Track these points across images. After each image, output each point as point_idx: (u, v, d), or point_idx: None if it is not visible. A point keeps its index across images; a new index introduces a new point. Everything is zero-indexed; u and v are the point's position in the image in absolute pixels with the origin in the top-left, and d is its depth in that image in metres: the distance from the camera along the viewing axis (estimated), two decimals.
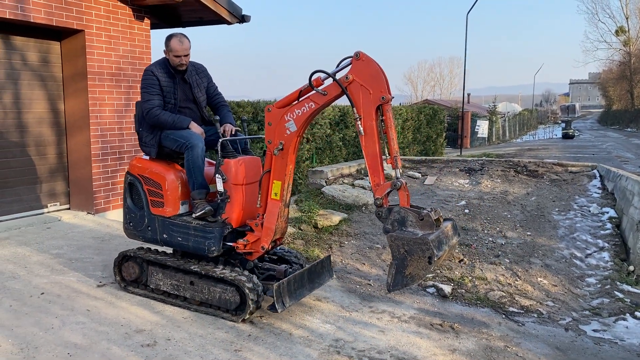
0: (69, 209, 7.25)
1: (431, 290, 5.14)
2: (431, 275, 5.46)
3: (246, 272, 4.12)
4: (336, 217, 7.05)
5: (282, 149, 3.98)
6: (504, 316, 4.66)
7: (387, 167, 3.97)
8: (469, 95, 48.60)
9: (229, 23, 7.96)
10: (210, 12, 7.55)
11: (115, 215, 7.23)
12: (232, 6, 7.74)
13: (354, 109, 3.69)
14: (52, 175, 7.04)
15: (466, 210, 7.67)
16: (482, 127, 33.78)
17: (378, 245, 6.32)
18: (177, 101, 4.44)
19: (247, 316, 4.03)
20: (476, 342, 4.07)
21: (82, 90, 6.91)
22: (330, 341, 3.90)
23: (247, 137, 4.61)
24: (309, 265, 4.39)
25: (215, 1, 7.39)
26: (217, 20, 7.95)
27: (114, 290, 4.58)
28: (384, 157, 3.72)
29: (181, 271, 4.29)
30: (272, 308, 3.92)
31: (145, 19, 7.57)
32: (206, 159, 4.58)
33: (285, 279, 4.04)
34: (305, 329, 4.06)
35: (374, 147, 3.65)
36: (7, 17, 5.89)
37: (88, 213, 7.08)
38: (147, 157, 4.54)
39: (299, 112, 3.90)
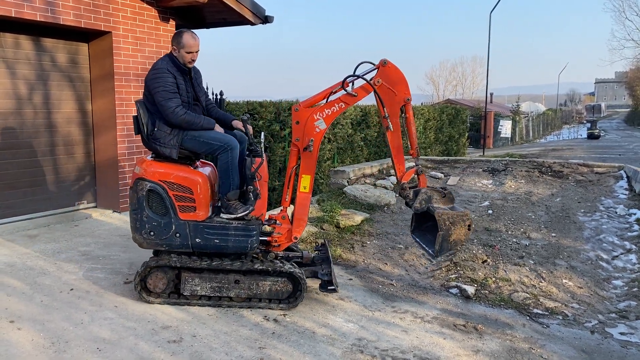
0: (95, 207, 7.40)
1: (454, 291, 5.12)
2: (454, 275, 5.44)
3: (288, 263, 4.44)
4: (358, 217, 7.06)
5: (312, 146, 4.33)
6: (528, 318, 4.62)
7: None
8: (491, 94, 48.05)
9: (252, 24, 8.03)
10: (234, 13, 7.63)
11: None
12: (255, 7, 7.81)
13: (384, 108, 4.29)
14: (79, 174, 7.20)
15: (490, 211, 7.61)
16: (505, 127, 33.38)
17: (400, 246, 6.31)
18: (190, 100, 4.34)
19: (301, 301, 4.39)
20: (500, 344, 4.05)
21: (109, 90, 7.05)
22: (353, 340, 3.92)
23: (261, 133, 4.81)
24: (327, 251, 4.87)
25: (239, 2, 7.46)
26: (241, 21, 8.04)
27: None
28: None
29: (222, 271, 4.29)
30: (326, 290, 4.46)
31: (171, 20, 7.68)
32: (201, 160, 4.64)
33: (331, 263, 4.55)
34: (329, 328, 4.09)
35: (399, 140, 4.36)
36: (38, 19, 6.04)
37: (114, 211, 7.22)
38: (151, 159, 4.40)
39: (329, 112, 4.34)
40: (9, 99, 6.34)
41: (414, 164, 4.40)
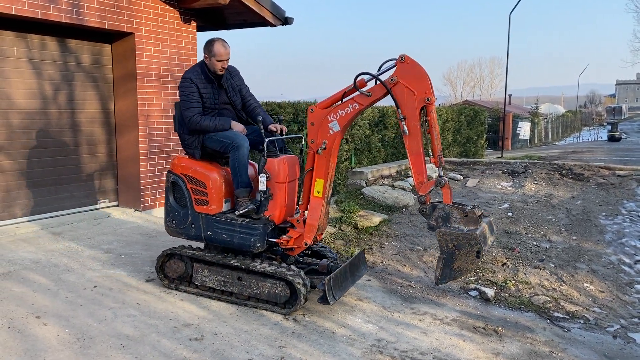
0: (117, 205, 7.51)
1: (474, 293, 5.10)
2: (474, 277, 5.42)
3: (294, 268, 4.25)
4: (376, 218, 7.06)
5: (325, 148, 4.12)
6: (548, 321, 4.58)
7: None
8: (510, 96, 47.65)
9: (272, 25, 8.08)
10: (254, 15, 7.68)
11: (162, 213, 7.45)
12: (275, 8, 7.85)
13: (399, 109, 3.86)
14: (102, 173, 7.31)
15: (509, 213, 7.56)
16: (524, 129, 33.08)
17: (419, 247, 6.31)
18: (216, 105, 4.56)
19: (297, 309, 4.20)
20: (520, 347, 4.02)
21: (131, 91, 7.15)
22: (372, 341, 3.93)
23: (287, 136, 4.68)
24: (350, 260, 4.54)
25: (259, 4, 7.51)
26: (261, 22, 8.09)
27: (162, 285, 4.72)
28: (427, 157, 3.90)
29: (227, 267, 4.40)
30: (323, 301, 4.07)
31: (192, 21, 7.76)
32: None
33: (334, 273, 4.18)
34: (348, 328, 4.10)
35: (417, 146, 3.85)
36: (64, 21, 6.15)
37: (136, 210, 7.32)
38: (187, 156, 4.63)
39: (342, 113, 4.08)
40: (35, 99, 6.47)
41: (438, 174, 3.81)
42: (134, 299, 4.39)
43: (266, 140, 4.29)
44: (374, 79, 3.92)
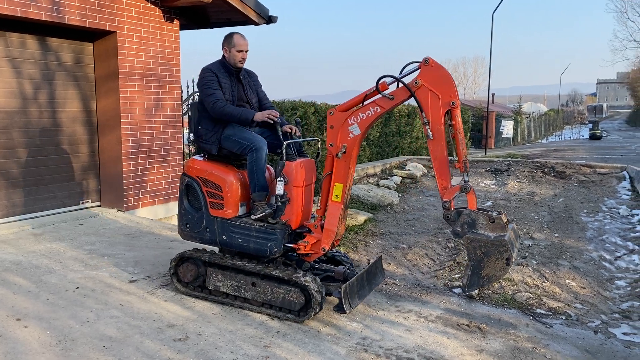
0: (100, 206, 7.43)
1: (457, 290, 5.14)
2: (458, 275, 5.46)
3: (310, 274, 4.15)
4: (361, 217, 7.09)
5: (344, 152, 4.01)
6: (531, 318, 4.64)
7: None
8: (493, 95, 48.09)
9: (256, 24, 8.06)
10: (238, 13, 7.65)
11: (145, 213, 7.39)
12: (259, 7, 7.83)
13: (422, 113, 3.76)
14: (84, 173, 7.23)
15: None
16: (507, 128, 33.40)
17: (403, 245, 6.34)
18: (234, 98, 4.50)
19: (312, 316, 4.10)
20: (504, 343, 4.06)
21: (113, 90, 7.08)
22: (357, 339, 3.94)
23: (303, 139, 4.60)
24: (367, 267, 4.45)
25: (243, 2, 7.48)
26: (245, 21, 8.05)
27: (146, 285, 4.69)
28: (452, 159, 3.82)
29: (242, 272, 4.31)
30: (339, 309, 3.98)
31: (175, 20, 7.71)
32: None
33: (350, 280, 4.09)
34: (333, 327, 4.10)
35: (442, 151, 3.75)
36: (44, 19, 6.07)
37: (118, 210, 7.25)
38: (201, 159, 4.53)
39: (363, 116, 3.94)
40: (15, 98, 6.37)
41: (462, 180, 3.75)
42: (116, 300, 4.34)
43: (285, 142, 4.18)
44: (401, 82, 3.83)
